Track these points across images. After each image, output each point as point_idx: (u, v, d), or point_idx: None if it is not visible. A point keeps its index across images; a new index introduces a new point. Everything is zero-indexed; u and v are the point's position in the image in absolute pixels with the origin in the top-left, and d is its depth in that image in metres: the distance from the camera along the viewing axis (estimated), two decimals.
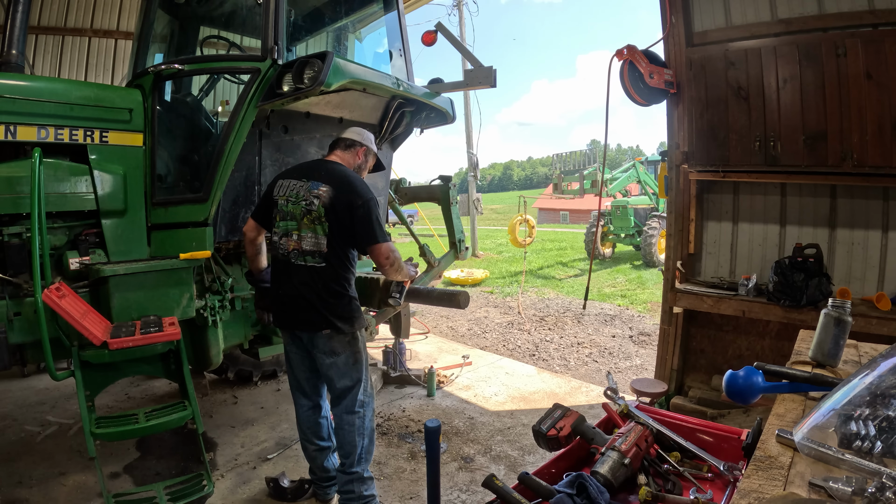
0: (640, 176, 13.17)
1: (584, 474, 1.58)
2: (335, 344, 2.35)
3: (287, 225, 2.35)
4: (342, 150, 2.54)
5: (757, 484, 0.98)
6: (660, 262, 11.73)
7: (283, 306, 2.42)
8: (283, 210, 2.37)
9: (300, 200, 2.32)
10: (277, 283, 2.43)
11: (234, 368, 4.04)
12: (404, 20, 3.68)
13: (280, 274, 2.40)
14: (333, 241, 2.31)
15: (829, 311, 1.55)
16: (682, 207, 3.66)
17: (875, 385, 1.10)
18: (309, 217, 2.30)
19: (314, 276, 2.31)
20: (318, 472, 2.61)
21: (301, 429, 2.59)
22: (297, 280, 2.33)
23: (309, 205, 2.30)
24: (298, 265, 2.33)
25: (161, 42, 3.54)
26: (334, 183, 2.33)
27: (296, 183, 2.37)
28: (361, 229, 2.31)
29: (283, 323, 2.47)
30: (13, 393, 3.94)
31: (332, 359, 2.37)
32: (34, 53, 5.74)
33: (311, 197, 2.31)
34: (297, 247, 2.33)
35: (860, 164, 2.86)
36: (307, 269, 2.32)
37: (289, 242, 2.34)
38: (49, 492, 2.66)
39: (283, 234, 2.36)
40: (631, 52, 3.31)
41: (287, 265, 2.36)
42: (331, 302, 2.32)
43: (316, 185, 2.33)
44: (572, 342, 6.22)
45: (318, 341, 2.36)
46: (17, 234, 2.32)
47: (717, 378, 3.58)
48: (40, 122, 2.41)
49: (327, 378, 2.44)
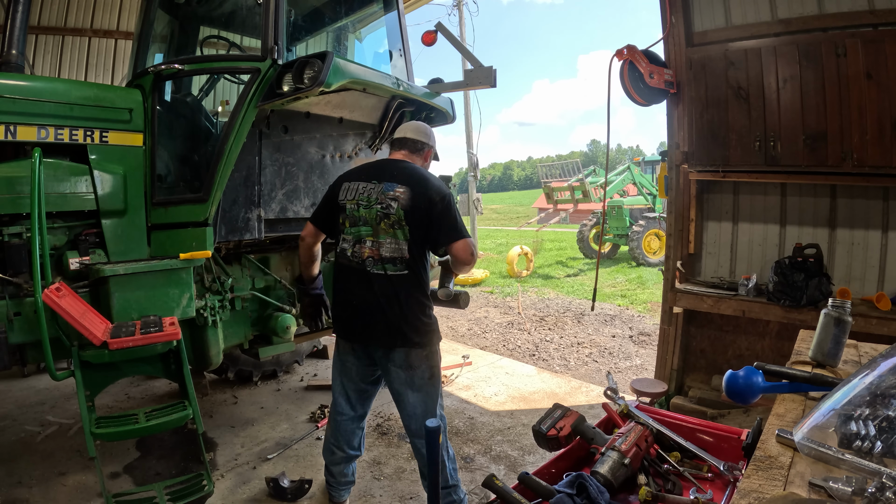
0: (634, 178, 13.21)
1: (584, 474, 1.59)
2: (413, 359, 2.20)
3: (360, 231, 2.20)
4: (411, 153, 2.39)
5: (757, 484, 0.98)
6: (646, 260, 11.79)
7: (355, 318, 2.24)
8: (353, 215, 2.22)
9: (373, 204, 2.18)
10: (348, 293, 2.25)
11: (234, 368, 4.04)
12: (404, 20, 3.68)
13: (352, 283, 2.23)
14: (414, 245, 2.17)
15: (829, 311, 1.55)
16: (682, 207, 3.66)
17: (875, 385, 1.10)
18: (387, 221, 2.16)
19: (396, 285, 2.16)
20: (337, 477, 2.48)
21: (334, 435, 2.43)
22: (377, 290, 2.17)
23: (386, 208, 2.16)
24: (376, 274, 2.17)
25: (161, 42, 3.54)
26: (411, 183, 2.20)
27: (366, 185, 2.23)
28: (445, 225, 2.18)
29: (352, 336, 2.29)
30: (13, 393, 3.94)
31: (407, 374, 2.21)
32: (34, 53, 5.73)
33: (386, 200, 2.17)
34: (373, 254, 2.17)
35: (860, 164, 2.86)
36: (387, 278, 2.16)
37: (363, 249, 2.19)
38: (49, 492, 2.66)
39: (356, 240, 2.21)
40: (631, 52, 3.31)
41: (362, 274, 2.19)
42: (414, 313, 2.18)
43: (391, 186, 2.19)
44: (572, 342, 6.22)
45: (395, 355, 2.21)
46: (17, 234, 2.31)
47: (717, 378, 3.58)
48: (40, 122, 2.40)
49: (397, 394, 2.27)
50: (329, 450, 2.46)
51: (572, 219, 16.42)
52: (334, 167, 3.31)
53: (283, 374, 4.42)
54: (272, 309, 3.30)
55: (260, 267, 3.32)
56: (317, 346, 4.85)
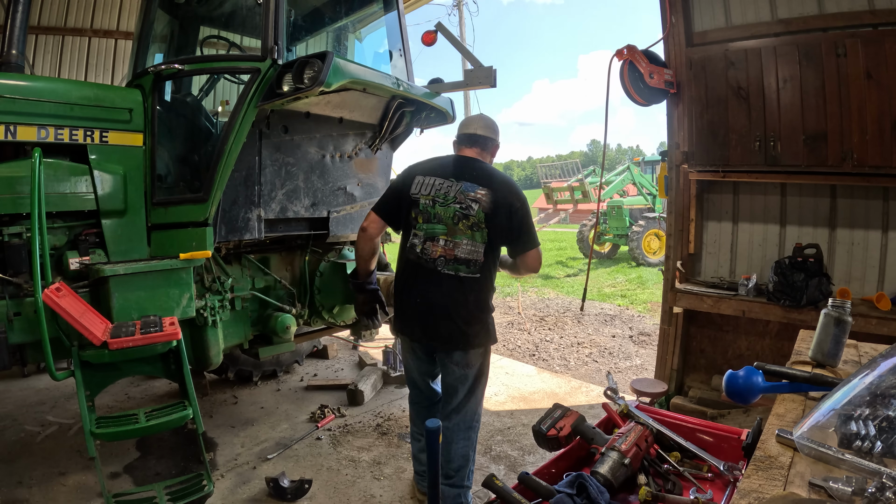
0: (634, 178, 13.21)
1: (584, 474, 1.59)
2: (471, 357, 2.24)
3: (434, 228, 2.17)
4: (482, 150, 2.36)
5: (757, 484, 0.98)
6: (646, 260, 11.80)
7: (420, 317, 2.24)
8: (427, 211, 2.19)
9: (450, 203, 2.16)
10: (414, 291, 2.24)
11: (234, 368, 4.04)
12: (404, 20, 3.68)
13: (419, 281, 2.21)
14: (490, 249, 2.17)
15: (829, 311, 1.55)
16: (682, 207, 3.66)
17: (875, 385, 1.10)
18: (465, 222, 2.14)
19: (466, 287, 2.16)
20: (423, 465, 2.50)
21: (418, 423, 2.51)
22: (445, 290, 2.16)
23: (465, 209, 2.15)
24: (446, 274, 2.16)
25: (161, 42, 3.53)
26: (493, 185, 2.18)
27: (442, 182, 2.20)
28: (523, 232, 2.20)
29: (415, 334, 2.31)
30: (13, 393, 3.94)
31: (463, 371, 2.24)
32: (34, 53, 5.73)
33: (467, 200, 2.15)
34: (445, 253, 2.15)
35: (860, 164, 2.86)
36: (458, 280, 2.16)
37: (434, 248, 2.16)
38: (49, 492, 2.66)
39: (428, 237, 2.18)
40: (631, 52, 3.31)
41: (430, 273, 2.17)
42: (477, 317, 2.19)
43: (472, 187, 2.17)
44: (572, 342, 6.22)
45: (455, 355, 2.24)
46: (17, 234, 2.31)
47: (717, 378, 3.58)
48: (40, 122, 2.40)
49: (451, 388, 2.31)
50: (416, 438, 2.52)
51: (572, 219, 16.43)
52: (334, 167, 3.31)
53: (283, 374, 4.41)
54: (272, 309, 3.30)
55: (260, 267, 3.32)
56: (317, 346, 4.85)
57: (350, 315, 3.75)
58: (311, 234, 3.39)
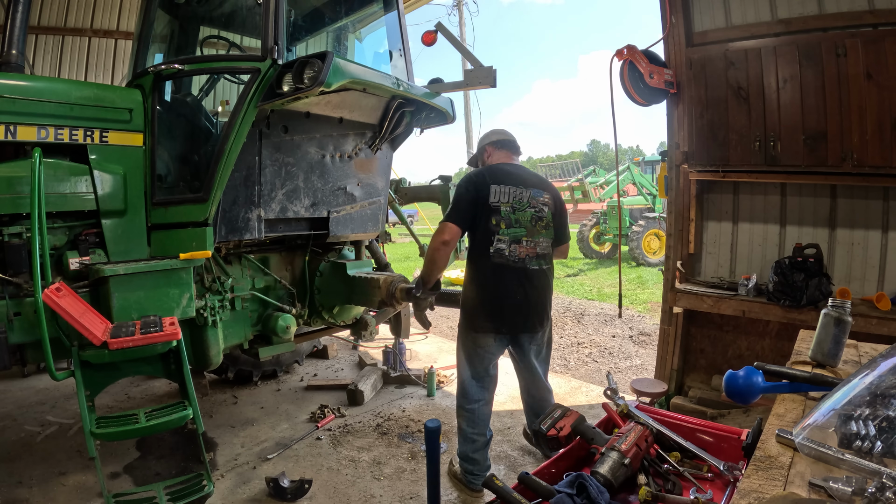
0: (634, 178, 13.20)
1: (584, 474, 1.58)
2: (549, 332, 2.70)
3: (516, 232, 2.49)
4: (517, 155, 2.78)
5: (757, 484, 0.98)
6: (646, 260, 11.79)
7: (517, 312, 2.51)
8: (509, 217, 2.49)
9: (526, 207, 2.51)
10: (507, 291, 2.49)
11: (234, 368, 4.04)
12: (404, 20, 3.68)
13: (511, 280, 2.49)
14: (554, 243, 2.61)
15: (829, 311, 1.55)
16: (682, 207, 3.66)
17: (875, 385, 1.10)
18: (541, 223, 2.54)
19: (549, 276, 2.60)
20: (482, 463, 2.66)
21: (473, 423, 2.63)
22: (536, 284, 2.51)
23: (539, 212, 2.54)
24: (534, 269, 2.52)
25: (161, 42, 3.54)
26: (550, 189, 2.64)
27: (516, 190, 2.53)
28: (566, 226, 2.71)
29: (511, 328, 2.55)
30: (13, 393, 3.94)
31: (545, 347, 2.69)
32: (34, 53, 5.73)
33: (538, 204, 2.55)
34: (530, 252, 2.50)
35: (860, 164, 2.86)
36: (542, 273, 2.55)
37: (520, 249, 2.48)
38: (49, 492, 2.66)
39: (513, 240, 2.48)
40: (631, 52, 3.31)
41: (521, 271, 2.49)
42: (551, 298, 2.65)
43: (539, 192, 2.57)
44: (572, 342, 6.22)
45: (538, 335, 2.62)
46: (17, 234, 2.32)
47: (717, 378, 3.58)
48: (40, 122, 2.40)
49: (531, 365, 2.67)
50: (470, 440, 2.65)
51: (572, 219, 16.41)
52: (334, 167, 3.31)
53: (283, 374, 4.42)
54: (272, 309, 3.30)
55: (260, 267, 3.32)
56: (317, 346, 4.85)
57: (350, 315, 3.75)
58: (311, 234, 3.39)
